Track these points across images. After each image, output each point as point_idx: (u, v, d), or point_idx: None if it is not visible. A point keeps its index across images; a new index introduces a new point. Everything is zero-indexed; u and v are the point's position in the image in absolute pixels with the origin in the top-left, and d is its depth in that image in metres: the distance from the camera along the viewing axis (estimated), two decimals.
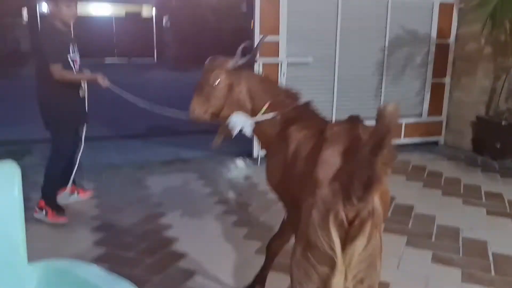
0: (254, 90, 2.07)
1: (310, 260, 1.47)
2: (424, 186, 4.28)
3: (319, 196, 1.44)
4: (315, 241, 1.44)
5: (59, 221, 3.33)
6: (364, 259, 1.45)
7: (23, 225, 1.31)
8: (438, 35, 5.46)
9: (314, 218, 1.44)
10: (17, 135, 6.43)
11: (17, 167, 1.30)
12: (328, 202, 1.42)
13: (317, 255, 1.45)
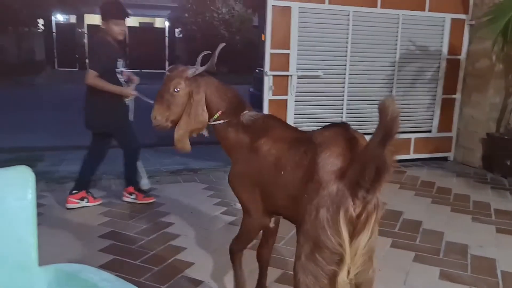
0: (210, 98, 2.17)
1: (318, 262, 1.51)
2: (433, 202, 4.25)
3: (326, 196, 1.49)
4: (324, 241, 1.49)
5: (150, 200, 3.96)
6: (365, 252, 1.53)
7: (35, 229, 1.34)
8: (449, 51, 5.47)
9: (323, 218, 1.48)
10: (29, 142, 6.51)
11: (31, 172, 1.34)
12: (337, 200, 1.47)
13: (326, 255, 1.50)
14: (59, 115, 9.02)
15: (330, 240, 1.48)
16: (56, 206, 3.86)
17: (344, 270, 1.50)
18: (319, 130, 1.74)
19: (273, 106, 4.86)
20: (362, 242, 1.50)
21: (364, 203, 1.47)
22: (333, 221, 1.47)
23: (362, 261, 1.55)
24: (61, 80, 16.59)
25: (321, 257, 1.51)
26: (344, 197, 1.47)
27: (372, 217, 1.50)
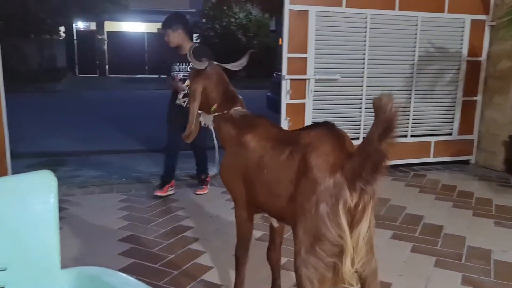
0: (209, 90, 2.26)
1: (319, 254, 1.58)
2: (454, 206, 4.18)
3: (324, 191, 1.57)
4: (325, 234, 1.56)
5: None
6: (367, 241, 1.60)
7: (58, 232, 1.36)
8: (469, 53, 5.39)
9: (323, 212, 1.56)
10: (51, 147, 6.64)
11: (53, 177, 1.37)
12: (335, 193, 1.55)
13: (326, 248, 1.57)
14: (80, 121, 9.19)
15: (330, 232, 1.55)
16: (77, 210, 3.92)
17: (348, 260, 1.56)
18: (304, 130, 1.81)
19: (290, 110, 4.86)
20: (363, 231, 1.57)
21: (361, 194, 1.54)
22: (333, 214, 1.54)
23: (365, 250, 1.61)
24: (82, 86, 16.89)
25: (322, 250, 1.57)
26: (342, 190, 1.55)
27: (369, 207, 1.57)
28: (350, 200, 1.54)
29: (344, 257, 1.55)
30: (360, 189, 1.53)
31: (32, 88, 14.86)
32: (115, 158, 6.04)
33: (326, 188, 1.56)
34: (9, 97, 4.03)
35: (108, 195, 4.33)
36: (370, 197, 1.56)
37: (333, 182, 1.56)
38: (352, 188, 1.54)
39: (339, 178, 1.55)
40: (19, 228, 1.27)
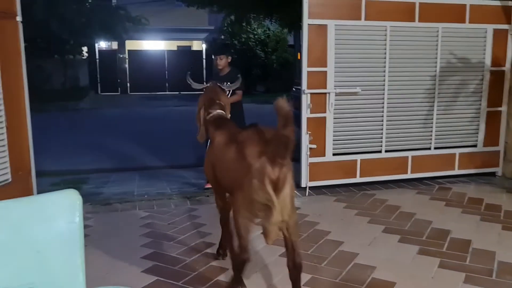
0: (207, 102, 3.08)
1: (251, 210, 2.29)
2: (482, 219, 4.06)
3: (255, 170, 2.24)
4: (256, 198, 2.23)
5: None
6: (290, 200, 2.27)
7: (83, 252, 1.37)
8: (492, 62, 5.29)
9: (255, 184, 2.22)
10: (74, 165, 6.75)
11: (78, 195, 1.38)
12: (262, 171, 2.21)
13: (256, 206, 2.25)
14: (102, 138, 9.33)
15: (259, 197, 2.22)
16: (100, 228, 3.95)
17: (276, 213, 2.19)
18: (241, 132, 2.60)
19: (311, 124, 4.84)
20: (286, 193, 2.23)
21: (280, 168, 2.21)
22: (261, 184, 2.20)
23: (290, 207, 2.27)
24: (104, 104, 17.21)
25: (252, 207, 2.27)
26: (266, 168, 2.21)
27: (289, 175, 2.25)
28: (273, 174, 2.21)
29: (272, 211, 2.18)
30: (279, 165, 2.20)
31: (56, 107, 15.21)
32: (137, 174, 6.10)
33: (256, 169, 2.23)
34: (34, 116, 4.12)
35: (131, 212, 4.35)
36: (288, 169, 2.25)
37: (260, 164, 2.23)
38: (273, 165, 2.21)
39: (264, 160, 2.22)
40: (45, 247, 1.28)
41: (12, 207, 1.28)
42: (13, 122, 3.75)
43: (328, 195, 4.84)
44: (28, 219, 1.28)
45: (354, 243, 3.53)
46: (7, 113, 3.66)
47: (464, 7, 5.13)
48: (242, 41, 19.42)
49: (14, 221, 1.26)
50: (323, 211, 4.33)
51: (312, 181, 4.93)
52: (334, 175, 5.01)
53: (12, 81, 3.77)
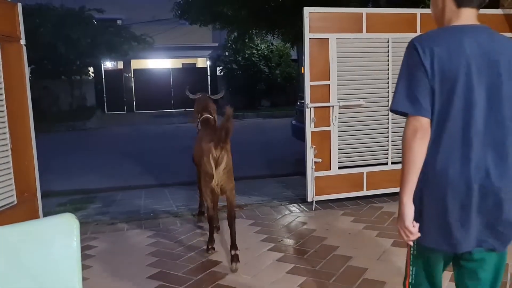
0: (199, 109, 4.15)
1: (207, 180, 3.47)
2: None
3: (205, 151, 3.39)
4: (207, 171, 3.40)
5: None
6: (225, 173, 3.40)
7: (80, 277, 1.34)
8: None
9: (205, 159, 3.38)
10: (81, 185, 6.76)
11: (75, 220, 1.36)
12: (208, 151, 3.35)
13: (207, 175, 3.43)
14: (109, 157, 9.36)
15: (208, 170, 3.39)
16: (106, 248, 3.93)
17: (214, 181, 3.37)
18: (210, 128, 3.81)
19: (316, 137, 4.82)
20: (222, 167, 3.36)
21: (221, 149, 3.33)
22: (207, 160, 3.35)
23: (225, 177, 3.43)
24: (111, 123, 17.33)
25: (207, 178, 3.45)
26: (211, 149, 3.33)
27: (226, 155, 3.36)
28: (216, 154, 3.33)
29: (213, 179, 3.36)
30: (220, 148, 3.32)
31: (63, 127, 15.34)
32: (143, 193, 6.09)
33: (206, 150, 3.38)
34: (41, 136, 4.15)
35: (137, 231, 4.33)
36: (226, 150, 3.37)
37: (208, 147, 3.36)
38: (216, 148, 3.32)
39: (211, 144, 3.34)
40: (42, 273, 1.26)
41: (9, 233, 1.26)
42: (17, 144, 3.77)
43: (335, 209, 4.79)
44: (25, 245, 1.27)
45: (362, 258, 3.48)
46: (11, 135, 3.68)
47: None
48: (245, 57, 19.53)
49: (11, 246, 1.25)
50: (330, 226, 4.28)
51: (318, 195, 4.89)
52: (340, 189, 4.97)
53: (16, 103, 3.81)
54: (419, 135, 1.55)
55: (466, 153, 1.55)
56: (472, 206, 1.54)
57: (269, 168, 7.72)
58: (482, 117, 1.55)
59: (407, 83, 1.61)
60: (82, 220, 4.74)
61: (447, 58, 1.55)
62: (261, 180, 6.65)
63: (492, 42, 1.61)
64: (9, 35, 3.75)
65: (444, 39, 1.59)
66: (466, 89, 1.54)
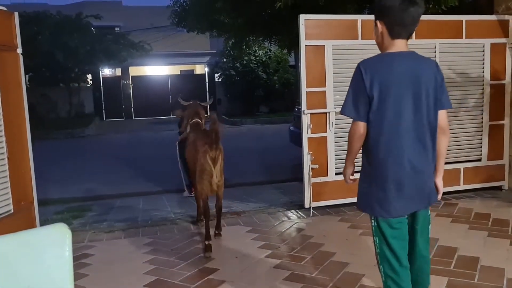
0: (190, 115, 4.60)
1: (204, 176, 3.90)
2: (490, 235, 4.00)
3: (201, 153, 3.89)
4: (205, 167, 3.87)
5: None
6: (220, 170, 3.94)
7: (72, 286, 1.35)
8: (491, 76, 5.29)
9: (203, 160, 3.86)
10: (79, 192, 6.76)
11: (67, 230, 1.37)
12: (205, 152, 3.83)
13: (206, 173, 3.89)
14: (107, 164, 9.36)
15: (206, 168, 3.86)
16: (103, 256, 3.92)
17: (214, 177, 3.87)
18: (200, 132, 4.29)
19: (312, 143, 4.83)
20: (218, 165, 3.89)
21: (216, 150, 3.83)
22: (205, 161, 3.85)
23: (220, 174, 3.94)
24: (109, 130, 17.34)
25: (205, 175, 3.90)
26: (207, 151, 3.82)
27: (220, 155, 3.90)
28: (212, 154, 3.82)
29: (213, 175, 3.87)
30: (215, 148, 3.82)
31: (62, 135, 15.34)
32: (141, 200, 6.09)
33: (202, 152, 3.88)
34: (40, 144, 4.16)
35: (134, 239, 4.33)
36: (220, 150, 3.89)
37: (204, 149, 3.86)
38: (211, 149, 3.82)
39: (206, 146, 3.84)
40: (34, 282, 1.27)
41: (1, 243, 1.27)
42: (14, 153, 3.77)
43: (332, 215, 4.80)
44: (18, 255, 1.27)
45: (359, 264, 3.48)
46: (8, 144, 3.68)
47: (461, 23, 5.16)
48: (243, 64, 19.59)
49: (3, 257, 1.25)
50: (327, 232, 4.28)
51: (316, 201, 4.90)
52: (338, 195, 4.97)
53: (13, 112, 3.81)
54: (357, 133, 2.20)
55: (400, 145, 2.13)
56: (406, 183, 2.15)
57: (267, 174, 7.73)
58: (410, 118, 2.12)
59: (353, 95, 2.18)
60: (79, 228, 4.74)
61: (384, 75, 2.13)
62: (258, 186, 6.66)
63: (416, 63, 2.21)
64: (6, 44, 3.76)
65: (382, 62, 2.20)
66: (398, 98, 2.11)
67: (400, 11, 2.13)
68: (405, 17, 2.14)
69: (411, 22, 2.17)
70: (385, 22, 2.21)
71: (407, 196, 2.16)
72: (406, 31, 2.20)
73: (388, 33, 2.21)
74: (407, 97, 2.12)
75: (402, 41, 2.21)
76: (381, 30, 2.23)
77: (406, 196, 2.16)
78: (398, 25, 2.17)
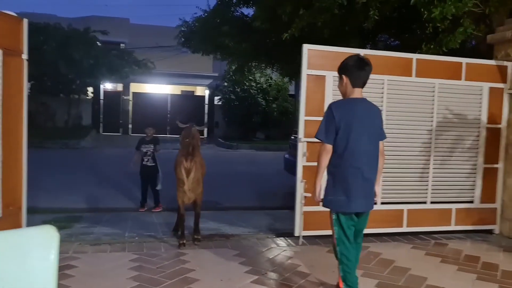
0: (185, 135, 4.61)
1: (180, 185, 4.57)
2: (478, 278, 3.97)
3: (178, 163, 4.56)
4: (179, 177, 4.55)
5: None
6: (194, 181, 4.55)
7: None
8: (488, 120, 5.36)
9: (178, 170, 4.55)
10: (69, 203, 6.69)
11: (56, 232, 1.35)
12: (180, 163, 4.52)
13: (179, 182, 4.57)
14: (100, 177, 9.30)
15: (180, 177, 4.53)
16: (87, 268, 3.85)
17: (186, 185, 4.52)
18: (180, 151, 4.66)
19: (307, 172, 4.82)
20: (192, 175, 4.50)
21: (191, 161, 4.47)
22: (179, 170, 4.51)
23: (195, 184, 4.57)
24: (105, 143, 17.29)
25: (180, 183, 4.56)
26: (183, 162, 4.48)
27: (195, 166, 4.50)
28: (186, 165, 4.48)
29: (185, 184, 4.50)
30: (190, 160, 4.47)
31: (57, 144, 15.28)
32: (130, 216, 6.03)
33: (178, 162, 4.54)
34: (34, 152, 4.14)
35: (120, 254, 4.27)
36: (194, 162, 4.49)
37: (180, 160, 4.52)
38: (186, 160, 4.47)
39: (182, 158, 4.49)
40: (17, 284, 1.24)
41: None
42: (8, 157, 3.76)
43: (321, 245, 4.76)
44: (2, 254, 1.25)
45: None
46: (3, 147, 3.67)
47: (460, 65, 5.26)
48: (244, 89, 19.77)
49: None
50: (315, 262, 4.24)
51: (306, 230, 4.86)
52: (328, 225, 4.88)
53: (12, 116, 3.82)
54: (325, 153, 3.08)
55: (357, 161, 3.04)
56: (359, 188, 3.05)
57: (259, 200, 7.69)
58: (365, 144, 3.06)
59: (326, 126, 3.09)
60: (65, 239, 4.66)
61: (348, 114, 3.07)
62: (250, 211, 6.62)
63: (369, 107, 3.19)
64: (12, 48, 3.80)
65: (346, 105, 3.16)
66: (357, 130, 3.03)
67: (358, 69, 3.14)
68: (361, 73, 3.15)
69: (365, 76, 3.17)
70: (348, 76, 3.15)
71: (360, 197, 3.07)
72: (361, 82, 3.17)
73: (351, 83, 3.15)
74: (363, 130, 3.05)
75: (359, 89, 3.17)
76: (345, 81, 3.16)
77: (360, 197, 3.06)
78: (356, 79, 3.14)
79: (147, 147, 6.73)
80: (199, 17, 10.45)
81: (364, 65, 3.15)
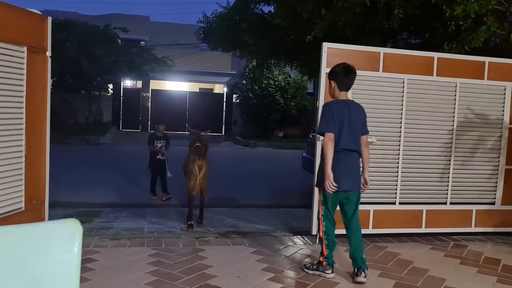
0: (193, 139, 5.35)
1: (191, 178, 5.28)
2: (498, 281, 3.90)
3: (191, 161, 5.29)
4: (192, 171, 5.26)
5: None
6: (204, 175, 5.32)
7: (78, 283, 1.35)
8: (511, 120, 5.25)
9: (192, 165, 5.27)
10: (90, 198, 6.81)
11: (79, 226, 1.38)
12: (194, 160, 5.26)
13: (192, 175, 5.27)
14: (120, 173, 9.43)
15: (193, 172, 5.24)
16: (107, 262, 3.93)
17: (198, 179, 5.25)
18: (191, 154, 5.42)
19: None
20: (203, 171, 5.27)
21: (202, 160, 5.26)
22: (193, 166, 5.23)
23: (203, 178, 5.31)
24: (124, 140, 17.52)
25: (192, 176, 5.26)
26: (196, 160, 5.23)
27: (205, 164, 5.31)
28: (199, 163, 5.23)
29: (197, 177, 5.23)
30: (202, 159, 5.25)
31: (78, 140, 15.54)
32: (149, 211, 6.11)
33: (192, 160, 5.27)
34: (55, 147, 4.22)
35: (139, 249, 4.33)
36: (204, 161, 5.28)
37: (194, 158, 5.25)
38: (199, 158, 5.24)
39: (196, 157, 5.24)
40: (41, 275, 1.28)
41: (12, 233, 1.29)
42: (32, 152, 3.85)
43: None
44: (27, 246, 1.29)
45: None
46: (27, 142, 3.76)
47: (483, 64, 5.17)
48: (262, 87, 19.76)
49: (12, 246, 1.27)
50: None
51: None
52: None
53: (35, 112, 3.91)
54: (330, 142, 3.53)
55: (348, 144, 3.62)
56: (347, 170, 3.65)
57: (276, 198, 7.70)
58: (353, 135, 3.66)
59: (325, 121, 3.63)
60: (86, 233, 4.72)
61: (340, 112, 3.62)
62: (267, 209, 6.64)
63: (356, 107, 3.75)
64: (37, 46, 3.89)
65: (339, 105, 3.69)
66: (347, 125, 3.61)
67: (344, 76, 3.71)
68: (346, 79, 3.72)
69: (349, 82, 3.76)
70: (336, 81, 3.72)
71: (347, 179, 3.63)
72: (347, 87, 3.76)
73: (338, 88, 3.73)
74: (352, 125, 3.63)
75: (346, 92, 3.77)
76: (333, 86, 3.74)
77: (347, 179, 3.63)
78: (342, 84, 3.71)
79: (162, 142, 7.37)
80: (219, 13, 10.52)
81: (349, 72, 3.70)
